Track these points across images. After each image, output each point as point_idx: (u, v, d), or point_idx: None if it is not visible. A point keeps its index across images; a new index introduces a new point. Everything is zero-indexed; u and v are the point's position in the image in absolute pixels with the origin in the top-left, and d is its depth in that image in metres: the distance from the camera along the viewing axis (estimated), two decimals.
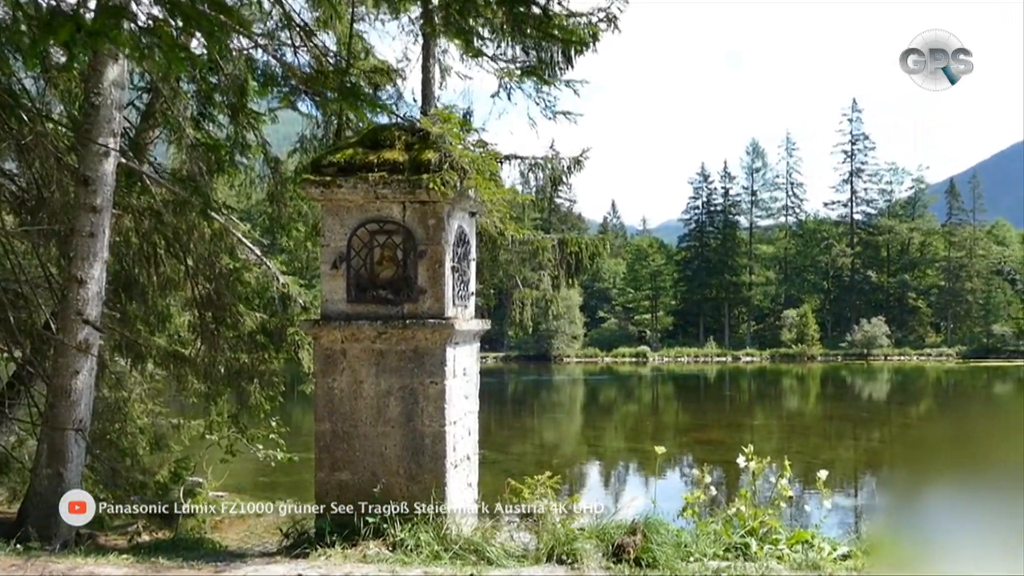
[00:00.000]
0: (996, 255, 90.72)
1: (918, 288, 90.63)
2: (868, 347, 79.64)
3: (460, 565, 5.91)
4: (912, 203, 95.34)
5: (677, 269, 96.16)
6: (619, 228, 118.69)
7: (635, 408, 38.52)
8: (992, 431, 28.19)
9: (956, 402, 40.94)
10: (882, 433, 28.51)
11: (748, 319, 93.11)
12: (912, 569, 5.09)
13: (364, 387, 6.52)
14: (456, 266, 6.80)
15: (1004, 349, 77.60)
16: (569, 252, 10.36)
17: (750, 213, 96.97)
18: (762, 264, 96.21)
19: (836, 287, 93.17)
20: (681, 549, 6.22)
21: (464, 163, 6.50)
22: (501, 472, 11.50)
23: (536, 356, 75.85)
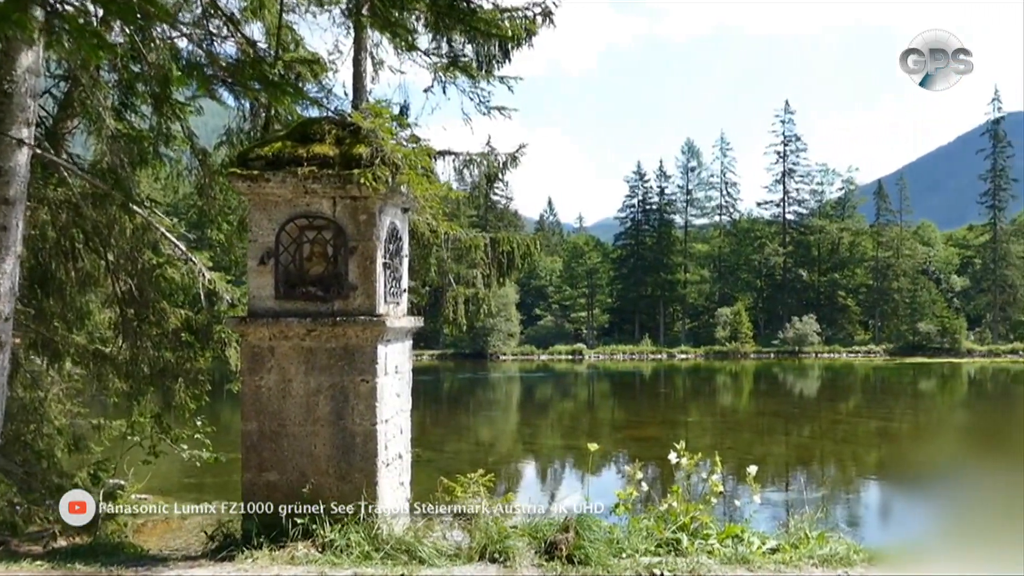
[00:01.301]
0: (922, 255, 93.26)
1: (847, 287, 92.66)
2: (799, 345, 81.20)
3: (391, 565, 5.83)
4: (842, 204, 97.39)
5: (613, 267, 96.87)
6: (556, 226, 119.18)
7: (571, 405, 38.65)
8: (917, 427, 28.94)
9: (883, 398, 41.87)
10: (812, 429, 29.02)
11: (683, 317, 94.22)
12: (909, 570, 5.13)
13: (293, 385, 6.39)
14: (388, 263, 6.70)
15: (929, 346, 79.72)
16: (501, 251, 10.30)
17: (685, 212, 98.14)
18: (697, 263, 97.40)
19: (769, 286, 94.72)
20: (613, 545, 6.24)
21: (396, 158, 6.41)
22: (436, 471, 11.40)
23: (472, 354, 75.73)
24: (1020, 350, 77.42)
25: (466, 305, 10.82)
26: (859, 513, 15.20)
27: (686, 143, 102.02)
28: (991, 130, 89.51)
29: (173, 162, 9.86)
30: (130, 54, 7.78)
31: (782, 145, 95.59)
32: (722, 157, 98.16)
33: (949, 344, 78.69)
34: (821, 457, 21.97)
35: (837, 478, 18.60)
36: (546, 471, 20.11)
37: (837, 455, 22.27)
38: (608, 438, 25.05)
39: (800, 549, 6.47)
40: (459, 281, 10.92)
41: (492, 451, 22.68)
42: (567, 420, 31.87)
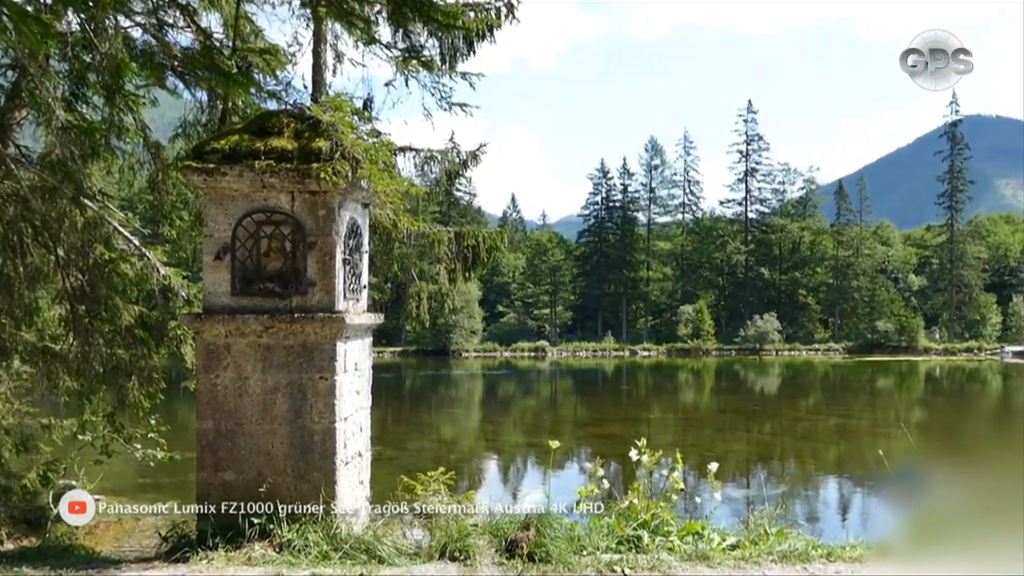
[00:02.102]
0: (880, 254, 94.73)
1: (808, 285, 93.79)
2: (760, 342, 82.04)
3: (350, 565, 5.76)
4: (803, 203, 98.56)
5: (576, 264, 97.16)
6: (519, 222, 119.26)
7: (533, 403, 38.65)
8: (875, 424, 29.28)
9: (842, 396, 42.36)
10: (773, 426, 29.29)
11: (645, 314, 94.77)
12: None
13: (250, 383, 6.27)
14: (348, 258, 6.60)
15: (887, 344, 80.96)
16: (466, 245, 10.22)
17: (648, 210, 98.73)
18: (659, 260, 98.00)
19: (730, 283, 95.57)
20: (574, 543, 6.23)
21: (357, 153, 6.31)
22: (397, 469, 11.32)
23: (434, 351, 75.50)
24: (975, 348, 78.79)
25: (429, 301, 10.72)
26: (818, 509, 15.35)
27: (650, 141, 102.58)
28: (949, 132, 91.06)
29: (126, 155, 9.63)
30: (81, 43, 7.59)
31: (745, 144, 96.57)
32: (685, 155, 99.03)
33: (907, 342, 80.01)
34: (781, 454, 22.18)
35: (797, 475, 18.77)
36: (508, 469, 20.07)
37: (797, 452, 22.49)
38: (570, 435, 25.08)
39: (760, 545, 6.50)
40: (422, 277, 10.83)
41: (454, 449, 22.60)
42: (529, 417, 31.85)
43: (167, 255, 9.69)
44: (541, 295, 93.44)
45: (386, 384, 43.47)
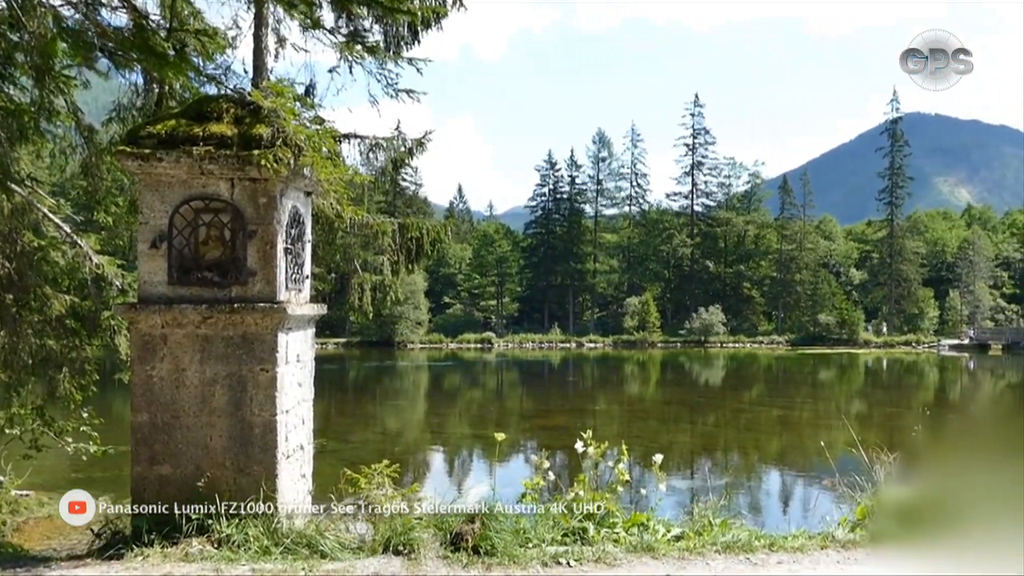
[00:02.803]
0: (823, 249, 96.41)
1: (752, 278, 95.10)
2: (705, 334, 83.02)
3: (291, 560, 5.68)
4: (748, 197, 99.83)
5: (523, 256, 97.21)
6: (466, 213, 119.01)
7: (480, 394, 38.59)
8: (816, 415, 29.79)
9: (785, 387, 43.03)
10: (717, 417, 29.60)
11: (592, 306, 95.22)
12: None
13: (187, 375, 6.12)
14: (290, 248, 6.47)
15: (829, 337, 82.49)
16: (410, 237, 10.08)
17: (595, 202, 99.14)
18: (606, 252, 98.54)
19: (676, 276, 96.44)
20: (520, 535, 6.23)
21: (299, 140, 6.18)
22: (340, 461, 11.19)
23: (379, 342, 75.06)
24: (913, 342, 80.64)
25: (372, 292, 10.57)
26: (761, 500, 15.53)
27: (597, 133, 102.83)
28: (889, 129, 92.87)
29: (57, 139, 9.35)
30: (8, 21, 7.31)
31: (691, 138, 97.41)
32: (632, 148, 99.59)
33: (847, 335, 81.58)
34: (725, 445, 22.41)
35: (740, 465, 18.98)
36: (454, 461, 19.99)
37: (740, 443, 22.75)
38: (516, 427, 25.08)
39: (704, 536, 6.55)
40: (365, 268, 10.67)
41: (399, 441, 22.43)
42: (475, 409, 31.79)
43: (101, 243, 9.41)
44: (488, 286, 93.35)
45: (330, 375, 43.08)
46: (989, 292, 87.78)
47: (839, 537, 6.72)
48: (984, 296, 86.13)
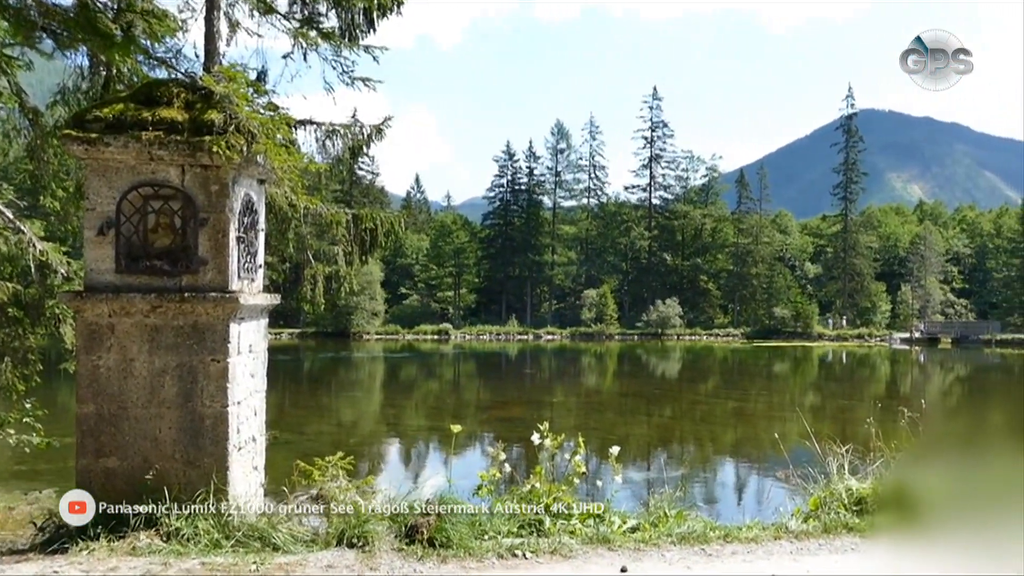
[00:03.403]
0: (779, 242, 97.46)
1: (709, 271, 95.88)
2: (662, 327, 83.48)
3: (243, 553, 5.61)
4: (705, 191, 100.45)
5: (481, 247, 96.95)
6: (423, 203, 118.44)
7: (436, 386, 38.44)
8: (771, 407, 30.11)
9: (740, 380, 43.43)
10: (673, 409, 29.75)
11: (549, 298, 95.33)
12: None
13: (135, 365, 6.00)
14: (242, 236, 6.37)
15: (784, 330, 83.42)
16: (364, 227, 9.95)
17: (554, 194, 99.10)
18: (564, 244, 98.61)
19: (634, 269, 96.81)
20: (475, 527, 6.24)
21: (252, 126, 6.07)
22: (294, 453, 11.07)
23: (335, 333, 74.41)
24: (865, 335, 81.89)
25: (326, 283, 10.43)
26: (716, 491, 15.65)
27: (556, 125, 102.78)
28: (844, 125, 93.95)
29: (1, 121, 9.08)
30: None
31: (649, 131, 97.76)
32: (591, 140, 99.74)
33: (802, 328, 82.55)
34: (681, 437, 22.54)
35: (696, 457, 19.11)
36: (410, 453, 19.86)
37: (696, 435, 22.90)
38: (473, 419, 25.02)
39: (659, 528, 6.59)
40: (319, 258, 10.53)
41: (354, 432, 22.25)
42: (432, 401, 31.66)
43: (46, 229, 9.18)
44: (445, 277, 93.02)
45: (284, 366, 42.64)
46: (939, 287, 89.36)
47: (792, 528, 6.79)
48: (935, 291, 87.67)
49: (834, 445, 7.85)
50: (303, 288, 10.25)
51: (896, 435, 8.25)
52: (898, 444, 7.84)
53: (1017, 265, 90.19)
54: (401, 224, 10.76)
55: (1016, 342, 75.55)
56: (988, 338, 77.36)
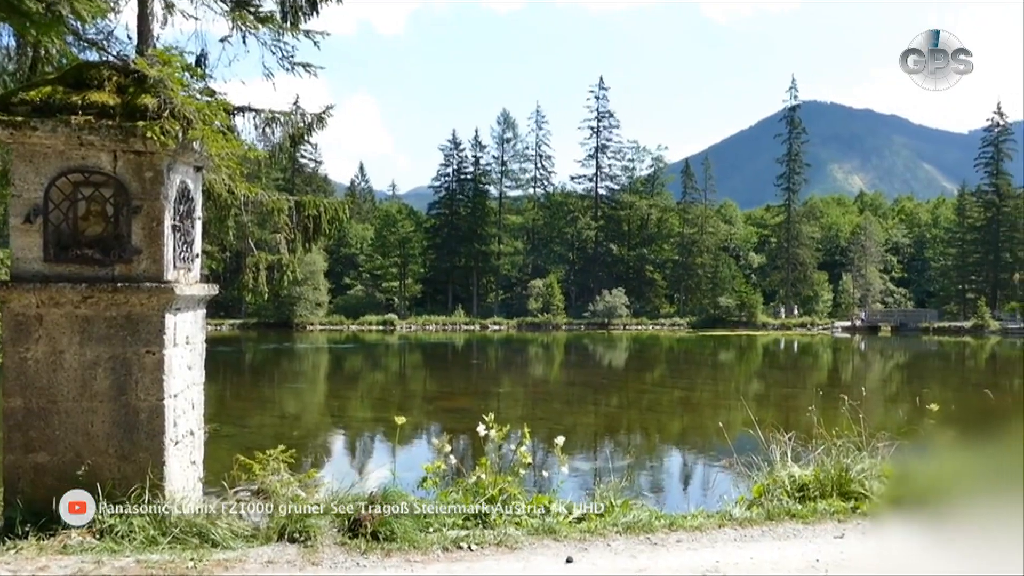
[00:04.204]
0: (724, 232, 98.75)
1: (655, 261, 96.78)
2: (609, 317, 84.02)
3: (180, 550, 5.49)
4: (651, 181, 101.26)
5: (427, 237, 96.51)
6: (367, 192, 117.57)
7: (382, 377, 38.16)
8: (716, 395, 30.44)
9: (686, 369, 43.85)
10: (620, 399, 29.90)
11: (496, 288, 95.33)
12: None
13: (66, 358, 5.81)
14: (178, 225, 6.20)
15: (729, 319, 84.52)
16: (307, 215, 9.78)
17: (500, 183, 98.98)
18: (511, 234, 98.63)
19: (581, 259, 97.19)
20: (420, 520, 6.21)
21: (188, 111, 5.91)
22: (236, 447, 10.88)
23: (277, 323, 73.48)
24: (808, 324, 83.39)
25: (268, 272, 10.23)
26: (663, 480, 15.75)
27: (502, 114, 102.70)
28: (787, 117, 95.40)
29: None
30: None
31: (596, 121, 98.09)
32: (537, 130, 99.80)
33: (747, 317, 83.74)
34: (628, 426, 22.65)
35: (643, 446, 19.22)
36: (354, 445, 19.66)
37: (643, 424, 23.03)
38: (419, 410, 24.90)
39: (605, 517, 6.60)
40: (261, 246, 10.33)
41: (298, 425, 21.95)
42: (377, 392, 31.41)
43: None
44: (390, 267, 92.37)
45: (225, 358, 42.02)
46: (879, 276, 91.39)
47: (736, 515, 6.84)
48: (875, 280, 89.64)
49: (777, 433, 7.94)
50: (244, 277, 10.03)
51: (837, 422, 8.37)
52: (839, 431, 7.97)
53: (953, 255, 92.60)
54: (346, 211, 10.60)
55: (952, 330, 77.69)
56: (926, 326, 79.49)
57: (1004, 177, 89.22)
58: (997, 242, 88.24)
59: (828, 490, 7.32)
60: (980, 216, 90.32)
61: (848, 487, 7.34)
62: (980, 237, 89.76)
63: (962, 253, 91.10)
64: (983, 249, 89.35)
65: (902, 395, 28.38)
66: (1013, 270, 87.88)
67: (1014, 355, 52.83)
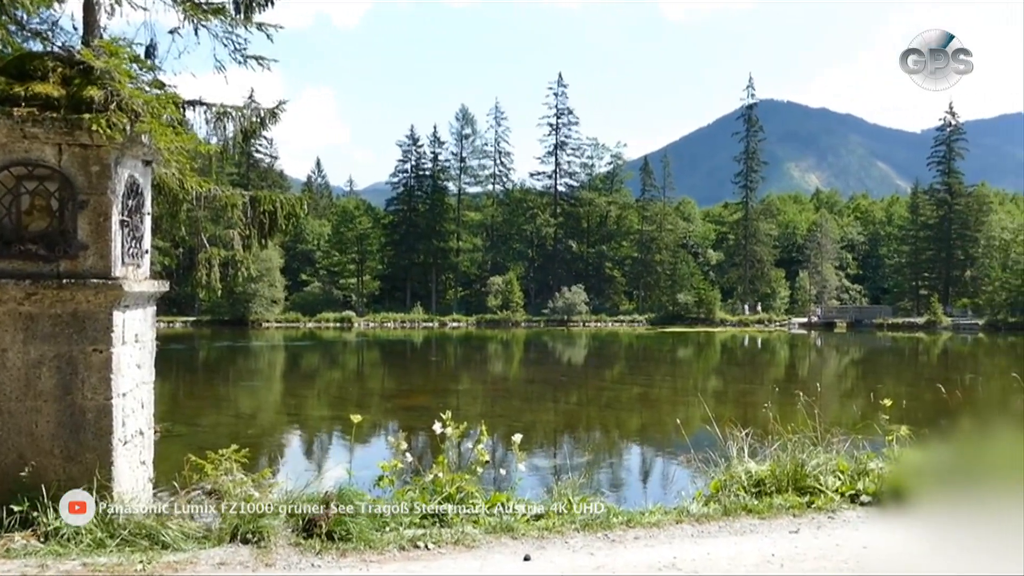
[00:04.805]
0: (682, 230, 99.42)
1: (614, 258, 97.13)
2: (568, 313, 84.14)
3: (128, 552, 5.38)
4: (610, 178, 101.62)
5: (385, 233, 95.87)
6: (324, 188, 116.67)
7: (339, 375, 37.81)
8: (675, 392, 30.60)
9: (645, 365, 44.00)
10: (579, 395, 29.92)
11: (455, 285, 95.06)
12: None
13: (8, 356, 5.67)
14: (126, 220, 6.07)
15: (687, 316, 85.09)
16: (263, 211, 9.62)
17: (459, 180, 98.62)
18: (469, 231, 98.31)
19: (540, 255, 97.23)
20: (376, 519, 6.16)
21: (136, 104, 5.78)
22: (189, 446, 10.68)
23: (232, 321, 72.48)
24: (766, 320, 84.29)
25: (222, 268, 10.05)
26: (622, 476, 15.76)
27: (461, 110, 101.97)
28: (745, 115, 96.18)
29: None
30: None
31: (555, 117, 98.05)
32: (496, 126, 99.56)
33: (705, 314, 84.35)
34: (587, 423, 22.65)
35: (602, 443, 19.24)
36: (311, 444, 19.42)
37: (602, 421, 23.06)
38: (377, 408, 24.72)
39: (564, 515, 6.57)
40: (214, 242, 10.14)
41: (253, 424, 21.64)
42: (334, 390, 31.10)
43: None
44: (347, 264, 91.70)
45: (178, 356, 41.40)
46: (835, 273, 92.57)
47: (694, 511, 6.86)
48: (831, 277, 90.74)
49: (735, 429, 7.98)
50: (197, 273, 9.84)
51: (793, 418, 8.44)
52: (794, 426, 8.04)
53: (907, 252, 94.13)
54: (303, 206, 10.45)
55: (906, 326, 78.99)
56: (880, 322, 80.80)
57: (956, 176, 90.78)
58: (949, 240, 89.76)
59: (784, 485, 7.37)
60: (933, 214, 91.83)
61: (804, 482, 7.40)
62: (933, 235, 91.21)
63: (915, 250, 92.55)
64: (936, 246, 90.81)
65: (857, 391, 28.81)
66: (964, 267, 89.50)
67: (965, 351, 53.85)
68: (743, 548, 6.04)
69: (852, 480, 7.51)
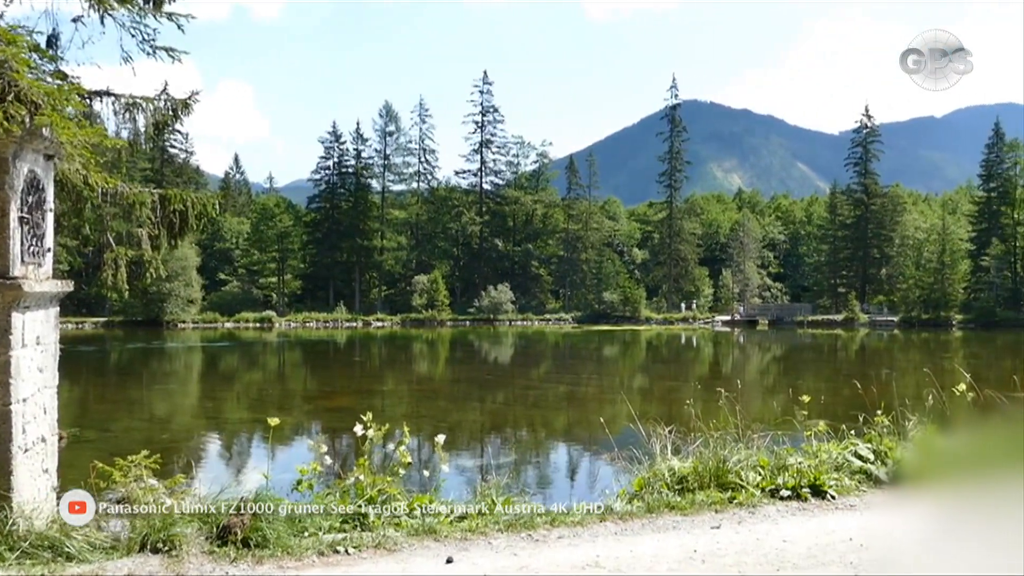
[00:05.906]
0: (608, 228, 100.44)
1: (540, 257, 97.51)
2: (495, 312, 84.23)
3: (29, 565, 5.16)
4: (536, 176, 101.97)
5: (306, 231, 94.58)
6: (243, 185, 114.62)
7: (259, 376, 37.11)
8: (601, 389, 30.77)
9: (572, 364, 44.19)
10: (505, 395, 29.85)
11: (379, 284, 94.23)
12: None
13: None
14: (26, 217, 5.79)
15: (613, 314, 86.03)
16: (172, 210, 9.28)
17: (383, 177, 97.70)
18: (394, 229, 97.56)
19: (465, 254, 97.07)
20: (295, 524, 6.06)
21: (36, 95, 5.51)
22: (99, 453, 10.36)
23: (145, 321, 70.34)
24: (690, 318, 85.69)
25: (130, 268, 9.68)
26: (549, 475, 15.74)
27: (384, 106, 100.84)
28: (669, 115, 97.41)
29: None
30: None
31: (480, 115, 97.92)
32: (421, 123, 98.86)
33: (630, 312, 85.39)
34: (514, 422, 22.60)
35: (528, 442, 19.22)
36: (229, 448, 18.92)
37: (529, 419, 23.04)
38: (299, 410, 24.34)
39: (487, 516, 6.52)
40: (121, 241, 9.75)
41: (167, 428, 21.02)
42: (254, 392, 30.48)
43: None
44: (268, 263, 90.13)
45: (87, 358, 40.15)
46: (757, 271, 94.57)
47: (618, 509, 6.86)
48: (753, 275, 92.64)
49: (659, 426, 8.02)
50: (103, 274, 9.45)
51: (716, 414, 8.52)
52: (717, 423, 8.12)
53: (826, 251, 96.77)
54: (215, 206, 10.10)
55: (825, 323, 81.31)
56: (801, 319, 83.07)
57: (872, 176, 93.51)
58: (866, 239, 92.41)
59: (706, 481, 7.43)
60: (850, 214, 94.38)
61: (725, 478, 7.47)
62: (850, 234, 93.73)
63: (834, 249, 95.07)
64: (853, 245, 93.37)
65: (778, 387, 29.40)
66: (880, 265, 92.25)
67: (881, 347, 55.48)
68: (666, 545, 6.05)
69: (772, 475, 7.61)
